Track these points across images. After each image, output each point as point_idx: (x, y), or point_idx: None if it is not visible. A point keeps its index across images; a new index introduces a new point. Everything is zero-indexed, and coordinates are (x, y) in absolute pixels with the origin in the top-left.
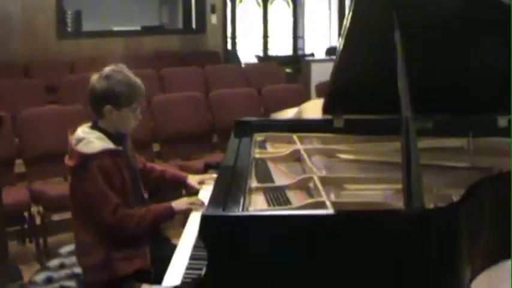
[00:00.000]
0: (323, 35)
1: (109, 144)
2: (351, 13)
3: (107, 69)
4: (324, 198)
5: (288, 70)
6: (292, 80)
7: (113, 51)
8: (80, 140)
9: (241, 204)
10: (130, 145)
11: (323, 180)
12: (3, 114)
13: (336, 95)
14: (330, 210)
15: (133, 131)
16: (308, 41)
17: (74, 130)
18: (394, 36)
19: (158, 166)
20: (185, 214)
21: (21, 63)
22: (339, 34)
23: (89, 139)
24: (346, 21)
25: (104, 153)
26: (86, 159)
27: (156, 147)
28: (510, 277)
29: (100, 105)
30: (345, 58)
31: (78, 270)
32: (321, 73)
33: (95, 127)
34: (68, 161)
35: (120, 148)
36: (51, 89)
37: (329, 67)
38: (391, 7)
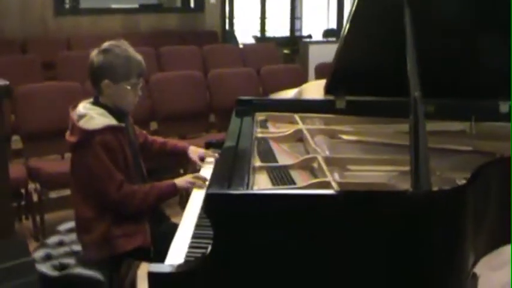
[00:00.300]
0: (321, 16)
1: (111, 121)
2: None
3: (106, 44)
4: (329, 178)
5: (285, 51)
6: (289, 61)
7: (110, 29)
8: (81, 116)
9: (245, 182)
10: (131, 121)
11: (327, 160)
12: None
13: (338, 76)
14: (336, 190)
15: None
16: (306, 23)
17: (75, 106)
18: (403, 15)
19: (159, 138)
20: (187, 192)
21: (18, 40)
22: (338, 16)
23: (91, 115)
24: (353, 5)
25: (106, 130)
26: (88, 135)
27: (153, 125)
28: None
29: (98, 80)
30: (350, 40)
31: (77, 247)
32: (318, 55)
33: (96, 103)
34: (70, 137)
35: (123, 125)
36: (48, 65)
37: (327, 49)
38: None
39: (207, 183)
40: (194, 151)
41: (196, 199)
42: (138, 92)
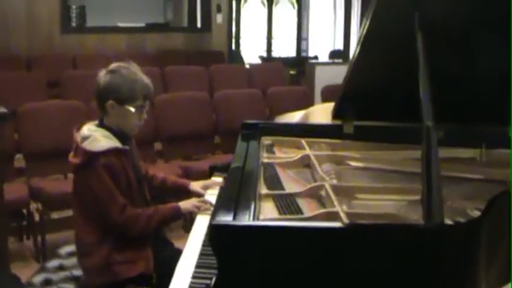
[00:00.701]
0: (327, 37)
1: (116, 143)
2: (369, 18)
3: (114, 65)
4: (337, 208)
5: (291, 72)
6: (295, 82)
7: (116, 47)
8: (85, 138)
9: (251, 211)
10: (135, 145)
11: (335, 188)
12: (4, 111)
13: (347, 100)
14: (345, 223)
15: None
16: (312, 43)
17: (79, 127)
18: (415, 40)
19: (159, 174)
20: (191, 215)
21: (23, 57)
22: (344, 37)
23: (95, 137)
24: (363, 28)
25: (110, 152)
26: (92, 157)
27: (157, 146)
28: None
29: (103, 100)
30: (360, 64)
31: (77, 272)
32: (324, 76)
33: (100, 125)
34: (73, 159)
35: (127, 147)
36: (53, 83)
37: (333, 70)
38: (414, 8)
39: (212, 208)
40: (195, 185)
41: (201, 224)
42: (143, 116)
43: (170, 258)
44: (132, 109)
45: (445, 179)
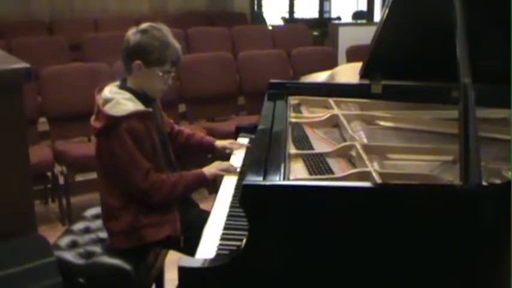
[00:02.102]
0: None
1: (139, 106)
2: None
3: (146, 24)
4: (370, 168)
5: (314, 33)
6: (318, 44)
7: (137, 10)
8: (107, 101)
9: (281, 172)
10: (159, 106)
11: (366, 148)
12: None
13: (375, 60)
14: (379, 183)
15: None
16: (335, 4)
17: (100, 89)
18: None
19: (186, 130)
20: (216, 180)
21: (45, 21)
22: None
23: (117, 100)
24: None
25: (133, 115)
26: (114, 121)
27: (181, 107)
28: None
29: (130, 59)
30: (389, 23)
31: (103, 234)
32: (348, 37)
33: (123, 87)
34: (95, 123)
35: (150, 110)
36: (75, 46)
37: (357, 31)
38: None
39: (238, 170)
40: (221, 143)
41: (228, 186)
42: (169, 81)
43: (196, 220)
44: (160, 73)
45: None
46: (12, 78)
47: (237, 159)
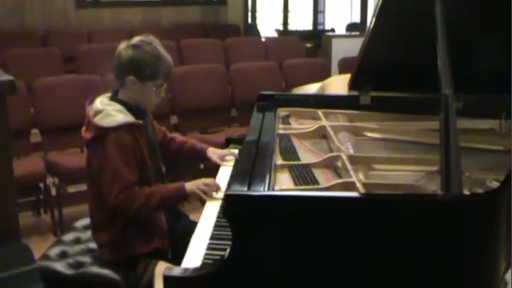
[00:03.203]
0: (344, 10)
1: (129, 117)
2: None
3: (136, 39)
4: (354, 178)
5: (308, 45)
6: (312, 55)
7: (131, 21)
8: (98, 112)
9: (266, 182)
10: (150, 118)
11: (351, 159)
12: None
13: (363, 71)
14: (362, 193)
15: None
16: (329, 16)
17: (92, 101)
18: (433, 7)
19: (179, 137)
20: (200, 199)
21: (39, 32)
22: (361, 10)
23: (108, 111)
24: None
25: (123, 127)
26: (103, 132)
27: (173, 119)
28: None
29: (123, 75)
30: (376, 34)
31: (93, 245)
32: (341, 49)
33: (114, 99)
34: (85, 133)
35: (141, 122)
36: (68, 58)
37: (350, 43)
38: None
39: (219, 193)
40: (213, 151)
41: (216, 196)
42: (161, 93)
43: (185, 231)
44: (153, 87)
45: (464, 150)
46: None
47: (226, 170)
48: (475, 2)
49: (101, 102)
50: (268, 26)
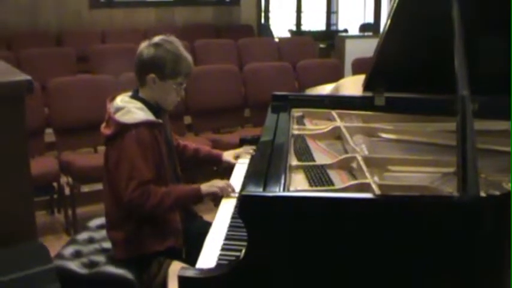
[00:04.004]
0: (357, 10)
1: (149, 116)
2: None
3: (158, 38)
4: (369, 179)
5: (321, 45)
6: (325, 56)
7: (144, 22)
8: (119, 109)
9: (282, 183)
10: (167, 119)
11: (366, 160)
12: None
13: (378, 72)
14: (378, 194)
15: None
16: (342, 17)
17: (112, 98)
18: (451, 9)
19: (191, 144)
20: (215, 196)
21: (53, 33)
22: (375, 10)
23: (129, 108)
24: (394, 1)
25: (142, 124)
26: (123, 128)
27: (187, 119)
28: None
29: (144, 73)
30: (391, 36)
31: (107, 245)
32: (354, 49)
33: (135, 97)
34: (104, 129)
35: (161, 121)
36: (82, 58)
37: (363, 43)
38: None
39: (235, 193)
40: (228, 154)
41: (230, 199)
42: (182, 92)
43: (199, 232)
44: (174, 85)
45: (479, 152)
46: (14, 90)
47: (240, 169)
48: (477, 4)
49: (122, 99)
50: (281, 26)
